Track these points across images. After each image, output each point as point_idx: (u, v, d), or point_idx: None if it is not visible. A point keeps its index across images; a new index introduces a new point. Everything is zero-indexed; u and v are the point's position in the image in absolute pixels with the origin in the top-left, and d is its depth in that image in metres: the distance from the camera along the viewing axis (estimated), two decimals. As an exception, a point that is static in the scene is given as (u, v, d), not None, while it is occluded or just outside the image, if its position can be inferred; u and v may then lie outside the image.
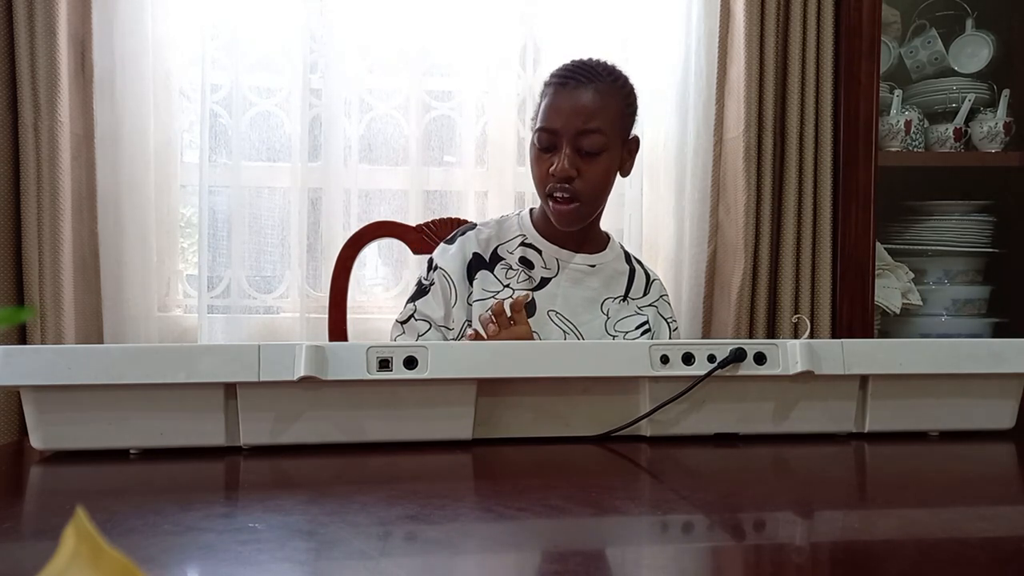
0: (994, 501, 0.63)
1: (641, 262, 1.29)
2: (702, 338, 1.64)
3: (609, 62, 1.19)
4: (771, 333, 1.59)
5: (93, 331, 1.55)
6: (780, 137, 1.61)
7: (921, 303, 1.66)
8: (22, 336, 1.46)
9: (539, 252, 1.22)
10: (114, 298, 1.56)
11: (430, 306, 1.19)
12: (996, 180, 1.72)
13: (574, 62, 1.17)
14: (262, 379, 0.72)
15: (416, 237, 1.44)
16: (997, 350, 0.83)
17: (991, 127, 1.65)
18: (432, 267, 1.22)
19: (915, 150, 1.67)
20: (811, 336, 1.50)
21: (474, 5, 1.65)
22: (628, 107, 1.18)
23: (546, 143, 1.14)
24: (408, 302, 1.22)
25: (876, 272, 1.59)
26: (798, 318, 1.57)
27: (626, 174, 1.22)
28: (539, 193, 1.18)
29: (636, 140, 1.21)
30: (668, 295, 1.29)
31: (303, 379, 0.71)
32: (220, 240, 1.62)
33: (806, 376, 0.79)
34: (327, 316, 1.42)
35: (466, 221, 1.44)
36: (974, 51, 1.69)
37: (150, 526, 0.51)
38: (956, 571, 0.46)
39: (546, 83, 1.17)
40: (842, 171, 1.59)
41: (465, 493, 0.64)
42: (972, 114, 1.68)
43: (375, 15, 1.66)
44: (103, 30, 1.53)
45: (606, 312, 1.21)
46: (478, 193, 1.70)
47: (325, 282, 1.55)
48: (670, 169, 1.68)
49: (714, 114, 1.63)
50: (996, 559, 0.48)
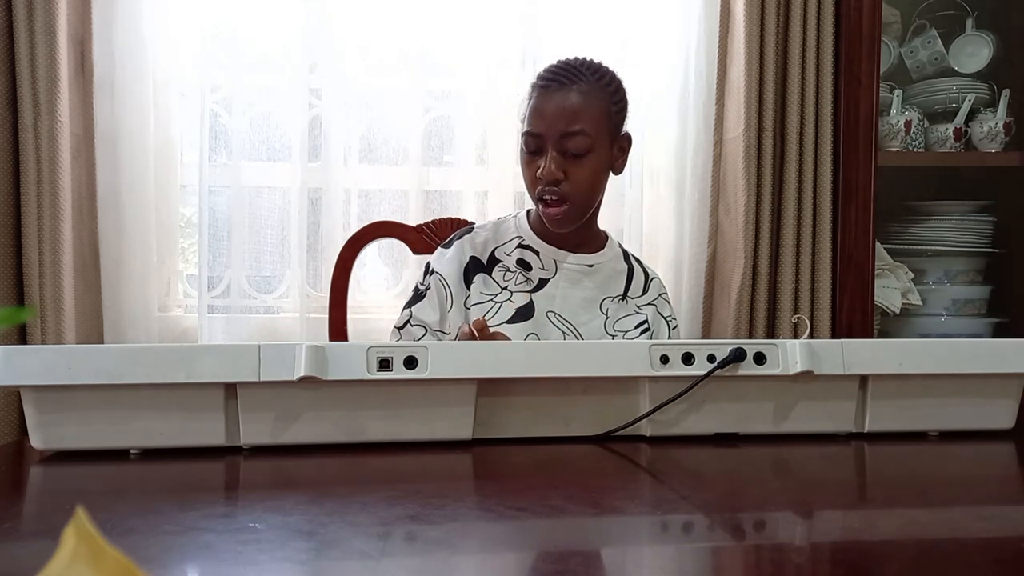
0: (994, 501, 0.63)
1: (640, 261, 1.29)
2: (702, 338, 1.64)
3: (595, 60, 1.18)
4: (771, 333, 1.59)
5: (93, 331, 1.55)
6: (780, 137, 1.61)
7: (921, 303, 1.66)
8: (22, 336, 1.46)
9: (536, 253, 1.22)
10: (114, 298, 1.56)
11: (425, 311, 1.19)
12: (996, 180, 1.72)
13: (558, 63, 1.16)
14: (262, 379, 0.72)
15: (416, 237, 1.44)
16: (997, 350, 0.83)
17: (991, 127, 1.65)
18: (429, 272, 1.22)
19: (915, 150, 1.67)
20: (811, 336, 1.50)
21: (474, 5, 1.65)
22: (615, 105, 1.16)
23: (532, 147, 1.14)
24: (404, 308, 1.22)
25: (876, 272, 1.59)
26: (798, 318, 1.57)
27: (619, 172, 1.20)
28: (531, 196, 1.18)
29: (627, 137, 1.20)
30: (667, 293, 1.28)
31: (303, 379, 0.71)
32: (220, 240, 1.62)
33: (806, 376, 0.79)
34: (327, 316, 1.42)
35: (466, 221, 1.44)
36: (974, 51, 1.69)
37: (150, 526, 0.51)
38: (956, 571, 0.46)
39: (532, 84, 1.17)
40: (842, 171, 1.59)
41: (465, 493, 0.64)
42: (972, 114, 1.68)
43: (375, 15, 1.66)
44: (103, 30, 1.53)
45: (605, 312, 1.21)
46: (478, 193, 1.70)
47: (325, 282, 1.55)
48: (670, 169, 1.68)
49: (714, 114, 1.63)
50: (996, 559, 0.48)
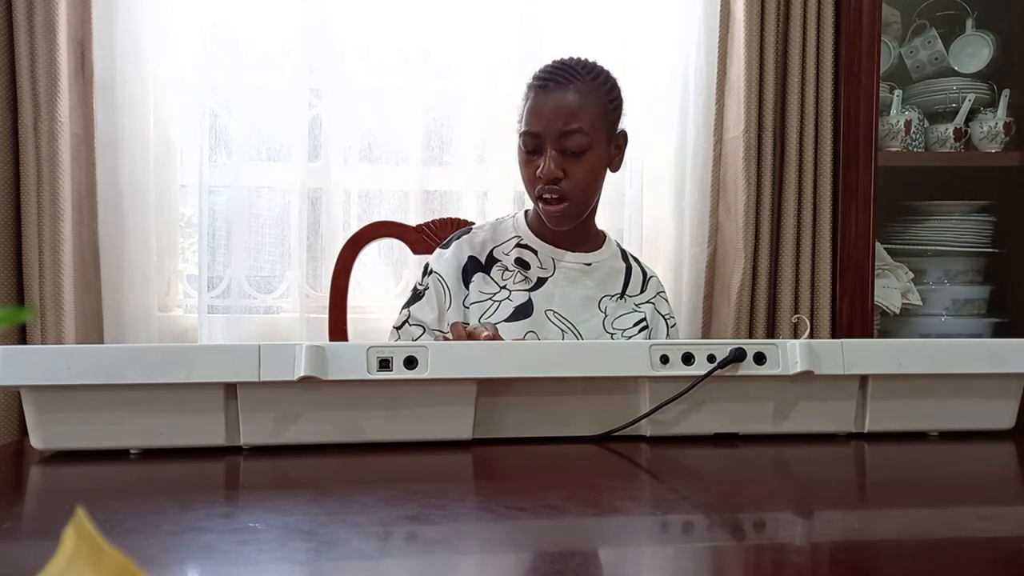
0: (994, 501, 0.63)
1: (638, 259, 1.29)
2: (702, 338, 1.64)
3: (589, 59, 1.18)
4: (771, 333, 1.59)
5: (93, 331, 1.55)
6: (780, 137, 1.61)
7: (921, 303, 1.66)
8: (22, 336, 1.46)
9: (535, 252, 1.22)
10: (114, 298, 1.55)
11: (423, 311, 1.19)
12: (996, 180, 1.72)
13: (554, 63, 1.17)
14: (262, 379, 0.72)
15: (416, 237, 1.44)
16: (997, 350, 0.83)
17: (991, 127, 1.65)
18: (427, 272, 1.23)
19: (915, 150, 1.67)
20: (811, 336, 1.50)
21: (474, 5, 1.65)
22: (611, 103, 1.17)
23: (531, 146, 1.15)
24: (403, 308, 1.22)
25: (876, 272, 1.59)
26: (798, 318, 1.57)
27: (616, 169, 1.21)
28: (529, 195, 1.19)
29: (623, 134, 1.21)
30: (665, 292, 1.29)
31: (303, 379, 0.71)
32: (220, 240, 1.62)
33: (806, 376, 0.79)
34: (327, 316, 1.42)
35: (466, 221, 1.44)
36: (974, 51, 1.69)
37: (150, 526, 0.51)
38: (956, 571, 0.46)
39: (528, 84, 1.17)
40: (842, 171, 1.59)
41: (465, 493, 0.64)
42: (972, 114, 1.68)
43: (375, 15, 1.66)
44: (103, 30, 1.53)
45: (604, 310, 1.21)
46: (478, 193, 1.70)
47: (325, 282, 1.55)
48: (670, 169, 1.68)
49: (714, 114, 1.62)
50: (996, 559, 0.48)
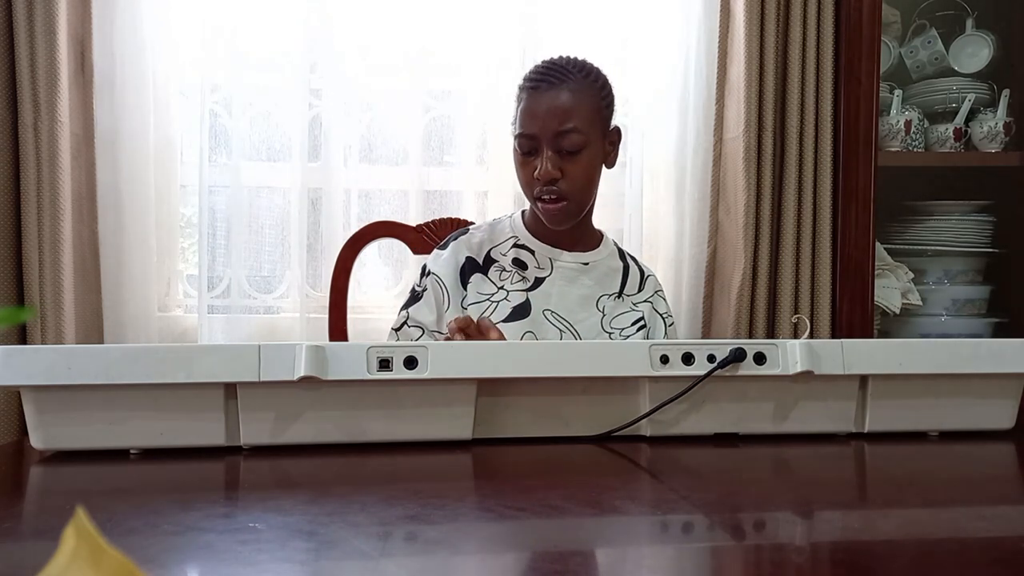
0: (994, 501, 0.63)
1: (636, 259, 1.30)
2: (702, 338, 1.64)
3: (579, 58, 1.18)
4: (771, 333, 1.59)
5: (93, 331, 1.55)
6: (780, 137, 1.61)
7: (921, 303, 1.66)
8: (22, 336, 1.46)
9: (532, 252, 1.22)
10: (114, 298, 1.55)
11: (422, 312, 1.19)
12: (996, 180, 1.72)
13: (545, 63, 1.17)
14: (262, 379, 0.71)
15: (416, 237, 1.44)
16: (997, 350, 0.83)
17: (991, 127, 1.65)
18: (425, 273, 1.23)
19: (915, 150, 1.67)
20: (811, 336, 1.50)
21: (474, 5, 1.65)
22: (603, 100, 1.17)
23: (527, 147, 1.15)
24: (401, 309, 1.22)
25: (876, 272, 1.59)
26: (798, 318, 1.57)
27: (611, 166, 1.22)
28: (527, 196, 1.19)
29: (617, 131, 1.21)
30: (663, 291, 1.29)
31: (303, 379, 0.71)
32: (220, 240, 1.62)
33: (806, 376, 0.79)
34: (327, 316, 1.42)
35: (466, 221, 1.44)
36: (974, 51, 1.69)
37: (150, 526, 0.51)
38: (956, 571, 0.46)
39: (520, 86, 1.17)
40: (842, 171, 1.59)
41: (465, 493, 0.64)
42: (972, 114, 1.68)
43: (375, 15, 1.66)
44: (103, 30, 1.53)
45: (601, 309, 1.21)
46: (478, 193, 1.70)
47: (325, 282, 1.55)
48: (670, 169, 1.68)
49: (714, 114, 1.63)
50: (996, 559, 0.48)
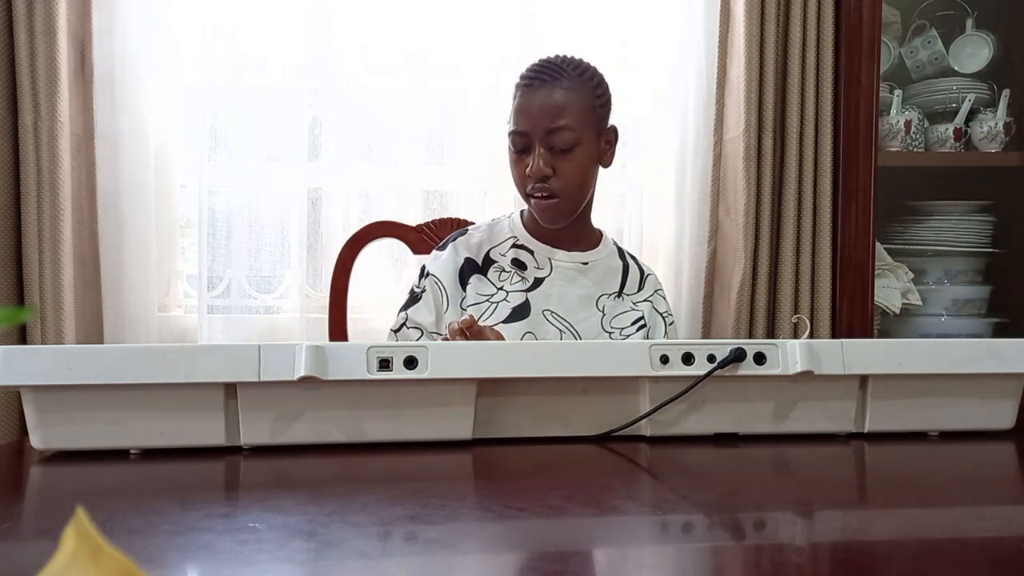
0: (994, 501, 0.63)
1: (635, 258, 1.29)
2: (702, 338, 1.64)
3: (575, 57, 1.18)
4: (771, 333, 1.59)
5: (93, 331, 1.55)
6: (780, 137, 1.61)
7: (921, 303, 1.66)
8: (22, 336, 1.46)
9: (531, 252, 1.22)
10: (114, 298, 1.55)
11: (421, 313, 1.19)
12: (996, 180, 1.72)
13: (540, 61, 1.17)
14: (262, 379, 0.71)
15: (416, 237, 1.44)
16: (997, 350, 0.83)
17: (991, 127, 1.65)
18: (424, 274, 1.23)
19: (915, 150, 1.67)
20: (811, 336, 1.50)
21: (474, 5, 1.65)
22: (598, 99, 1.17)
23: (520, 145, 1.15)
24: (400, 310, 1.22)
25: (876, 272, 1.59)
26: (798, 318, 1.57)
27: (607, 165, 1.21)
28: (520, 194, 1.19)
29: (614, 130, 1.21)
30: (663, 290, 1.29)
31: (303, 379, 0.71)
32: (220, 240, 1.62)
33: (806, 376, 0.79)
34: (327, 316, 1.42)
35: (466, 221, 1.44)
36: (974, 51, 1.69)
37: (150, 526, 0.51)
38: (956, 571, 0.46)
39: (515, 84, 1.17)
40: (842, 171, 1.59)
41: (465, 493, 0.64)
42: (972, 114, 1.68)
43: (375, 15, 1.66)
44: (103, 30, 1.53)
45: (601, 309, 1.21)
46: (478, 193, 1.70)
47: (325, 282, 1.55)
48: (670, 169, 1.68)
49: (714, 114, 1.62)
50: (996, 559, 0.48)
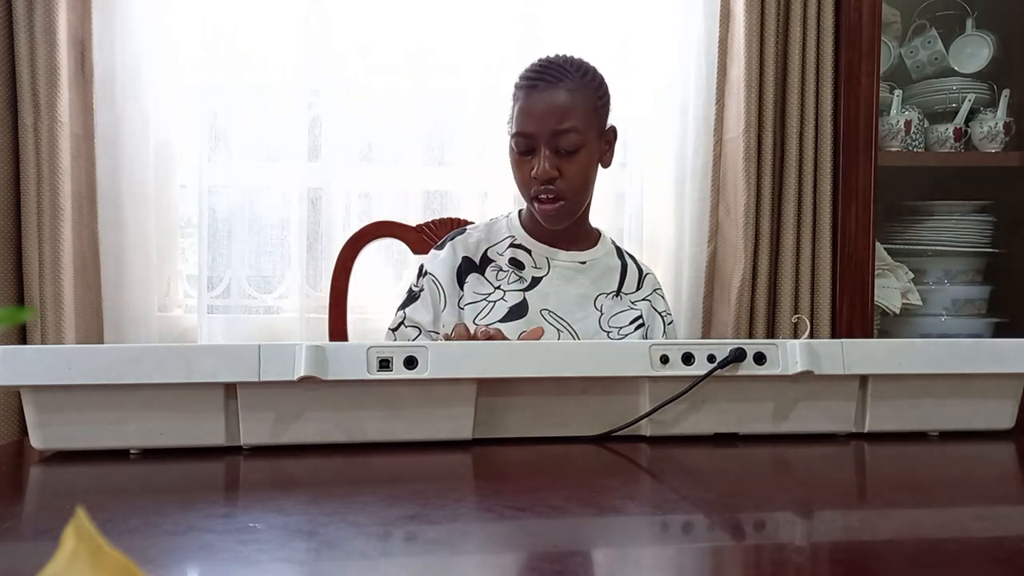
0: (994, 501, 0.63)
1: (633, 257, 1.29)
2: (702, 338, 1.64)
3: (575, 57, 1.18)
4: (771, 333, 1.59)
5: (93, 331, 1.55)
6: (780, 137, 1.61)
7: (921, 303, 1.66)
8: (22, 336, 1.46)
9: (529, 252, 1.22)
10: (114, 298, 1.56)
11: (419, 312, 1.19)
12: (996, 180, 1.72)
13: (541, 62, 1.17)
14: (262, 379, 0.71)
15: (416, 237, 1.44)
16: (997, 350, 0.83)
17: (991, 127, 1.65)
18: (422, 273, 1.23)
19: (915, 150, 1.67)
20: (811, 336, 1.50)
21: (474, 5, 1.65)
22: (600, 99, 1.17)
23: (523, 147, 1.14)
24: (398, 309, 1.22)
25: (876, 272, 1.59)
26: (798, 318, 1.57)
27: (607, 165, 1.21)
28: (523, 196, 1.19)
29: (613, 130, 1.21)
30: (662, 289, 1.28)
31: (303, 379, 0.71)
32: (220, 240, 1.62)
33: (806, 376, 0.79)
34: (327, 316, 1.42)
35: (466, 221, 1.44)
36: (974, 51, 1.69)
37: (150, 526, 0.51)
38: (956, 571, 0.46)
39: (516, 86, 1.17)
40: (842, 171, 1.59)
41: (465, 493, 0.64)
42: (972, 114, 1.68)
43: (375, 15, 1.66)
44: (103, 30, 1.53)
45: (599, 308, 1.21)
46: (478, 193, 1.70)
47: (325, 282, 1.55)
48: (670, 169, 1.68)
49: (714, 114, 1.63)
50: (996, 559, 0.48)
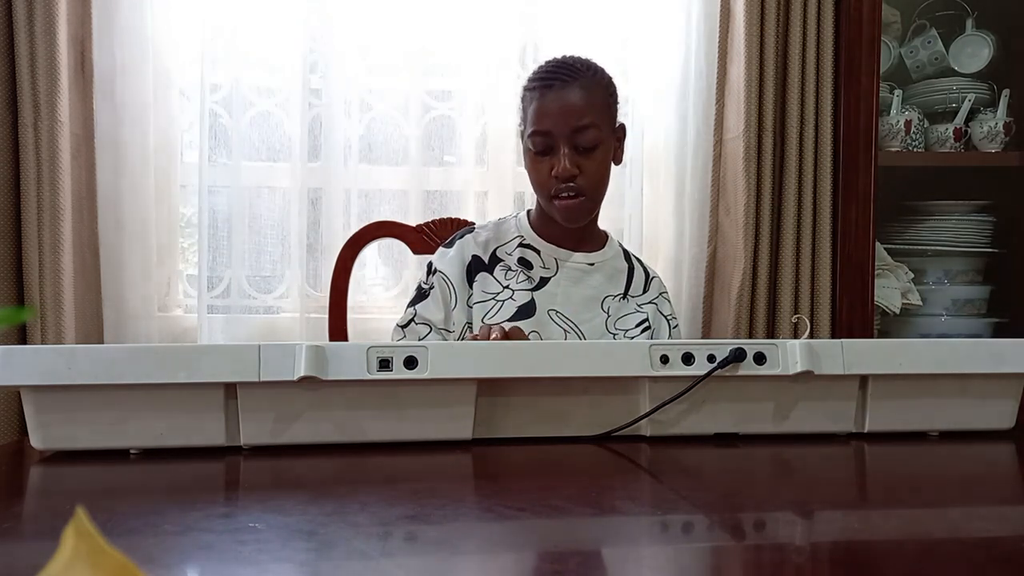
0: (994, 501, 0.63)
1: (640, 260, 1.30)
2: (702, 338, 1.64)
3: (583, 56, 1.19)
4: (771, 333, 1.59)
5: (93, 331, 1.55)
6: (780, 137, 1.61)
7: (921, 303, 1.66)
8: (22, 336, 1.46)
9: (537, 252, 1.22)
10: (114, 298, 1.56)
11: (430, 309, 1.19)
12: (996, 180, 1.72)
13: (553, 62, 1.17)
14: (262, 379, 0.71)
15: (416, 237, 1.44)
16: (997, 350, 0.83)
17: (991, 127, 1.65)
18: (431, 271, 1.23)
19: (915, 150, 1.67)
20: (811, 336, 1.50)
21: (474, 5, 1.65)
22: (611, 97, 1.19)
23: (541, 146, 1.14)
24: (408, 306, 1.22)
25: (876, 272, 1.59)
26: (798, 318, 1.57)
27: (619, 162, 1.22)
28: (541, 196, 1.18)
29: (623, 127, 1.22)
30: (668, 292, 1.29)
31: (303, 379, 0.71)
32: (220, 240, 1.62)
33: (806, 376, 0.79)
34: (327, 316, 1.42)
35: (466, 221, 1.44)
36: (974, 51, 1.69)
37: (150, 526, 0.51)
38: (956, 571, 0.46)
39: (527, 88, 1.17)
40: (842, 171, 1.59)
41: (465, 493, 0.64)
42: (972, 114, 1.68)
43: (375, 15, 1.66)
44: (103, 30, 1.53)
45: (607, 310, 1.21)
46: (478, 193, 1.70)
47: (325, 282, 1.55)
48: (670, 169, 1.68)
49: (714, 114, 1.63)
50: (996, 559, 0.48)
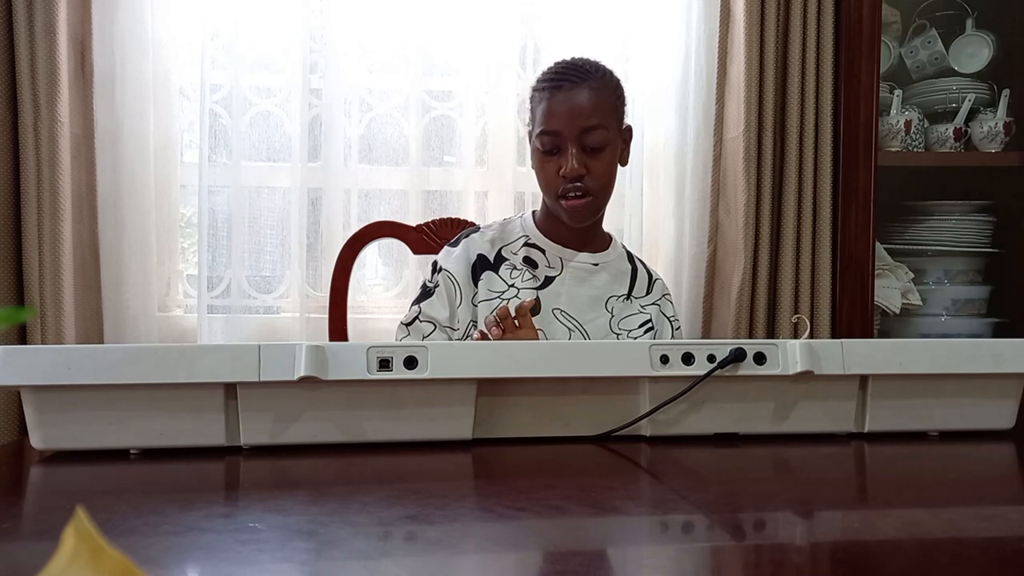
0: (994, 501, 0.63)
1: (643, 262, 1.30)
2: (702, 338, 1.64)
3: (591, 58, 1.20)
4: (771, 333, 1.59)
5: (93, 331, 1.55)
6: (780, 137, 1.61)
7: (921, 303, 1.66)
8: (22, 336, 1.46)
9: (543, 252, 1.23)
10: (114, 298, 1.56)
11: (435, 308, 1.20)
12: (996, 180, 1.72)
13: (561, 64, 1.18)
14: (262, 379, 0.71)
15: (416, 237, 1.44)
16: (997, 350, 0.83)
17: (991, 127, 1.65)
18: (436, 269, 1.23)
19: (915, 150, 1.67)
20: (811, 336, 1.50)
21: (474, 5, 1.65)
22: (618, 98, 1.19)
23: (549, 146, 1.15)
24: (413, 304, 1.22)
25: (876, 272, 1.59)
26: (798, 318, 1.57)
27: (625, 163, 1.23)
28: (548, 196, 1.19)
29: (629, 129, 1.23)
30: (670, 294, 1.29)
31: (303, 379, 0.71)
32: (220, 240, 1.62)
33: (806, 376, 0.79)
34: (327, 316, 1.42)
35: (466, 221, 1.44)
36: (974, 51, 1.69)
37: (150, 526, 0.51)
38: (956, 571, 0.46)
39: (536, 89, 1.18)
40: (842, 171, 1.59)
41: (465, 493, 0.64)
42: (972, 114, 1.68)
43: (375, 15, 1.66)
44: (103, 30, 1.53)
45: (611, 310, 1.21)
46: (478, 193, 1.70)
47: (325, 282, 1.55)
48: (670, 169, 1.68)
49: (714, 114, 1.63)
50: (996, 559, 0.48)
